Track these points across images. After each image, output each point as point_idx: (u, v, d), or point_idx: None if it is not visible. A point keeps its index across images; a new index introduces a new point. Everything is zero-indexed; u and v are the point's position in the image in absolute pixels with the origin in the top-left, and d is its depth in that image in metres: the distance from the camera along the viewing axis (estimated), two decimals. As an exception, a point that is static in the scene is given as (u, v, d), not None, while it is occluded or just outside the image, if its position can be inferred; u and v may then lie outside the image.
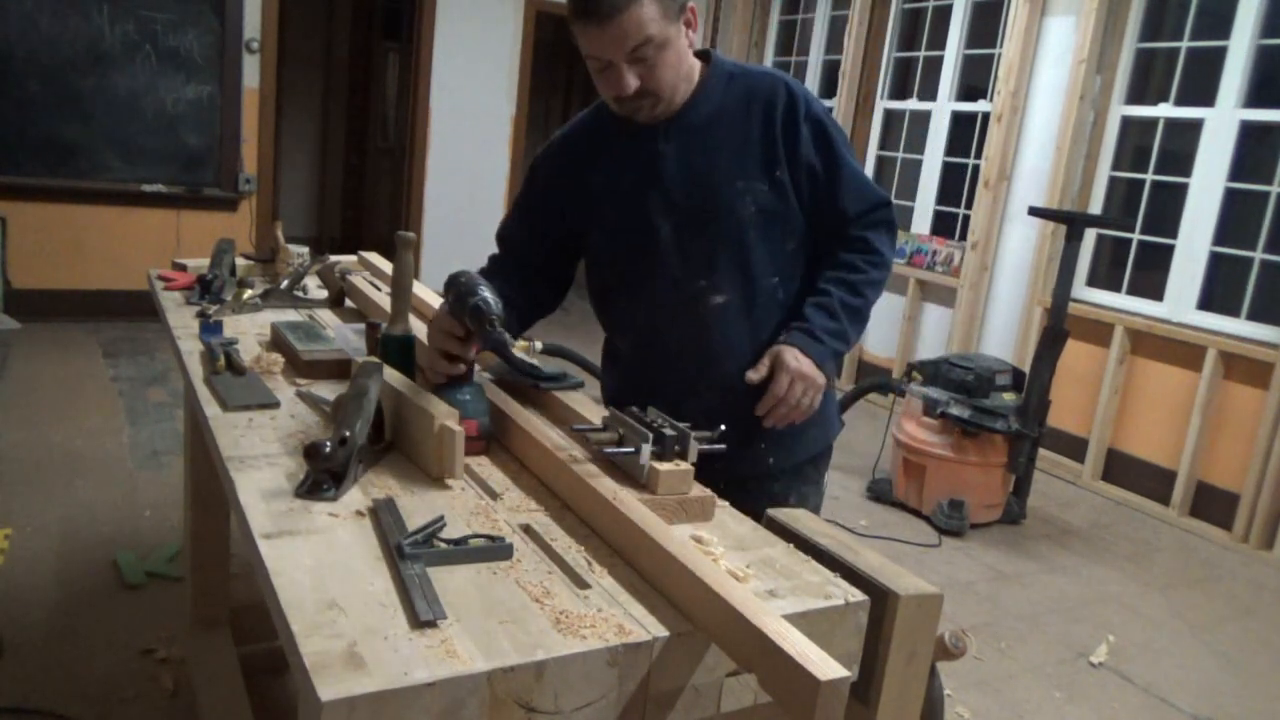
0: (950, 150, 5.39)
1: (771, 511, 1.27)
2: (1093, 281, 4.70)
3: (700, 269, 1.55)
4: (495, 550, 1.02)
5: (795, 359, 1.48)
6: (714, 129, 1.53)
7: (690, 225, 1.54)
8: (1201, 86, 4.23)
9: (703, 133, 1.53)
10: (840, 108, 5.85)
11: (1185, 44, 4.33)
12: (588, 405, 1.46)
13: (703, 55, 1.58)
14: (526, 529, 1.11)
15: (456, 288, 1.34)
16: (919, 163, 5.55)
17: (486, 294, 1.30)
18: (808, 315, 1.53)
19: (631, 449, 1.22)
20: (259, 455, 1.23)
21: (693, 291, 1.56)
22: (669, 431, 1.23)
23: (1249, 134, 4.10)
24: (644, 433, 1.22)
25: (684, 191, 1.53)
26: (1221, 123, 4.13)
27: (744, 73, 1.57)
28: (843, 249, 1.59)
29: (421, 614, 0.87)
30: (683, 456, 1.24)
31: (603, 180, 1.60)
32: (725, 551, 1.11)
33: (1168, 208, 4.36)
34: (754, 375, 1.50)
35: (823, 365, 1.50)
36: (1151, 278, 4.42)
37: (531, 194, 1.70)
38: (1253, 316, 4.05)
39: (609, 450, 1.24)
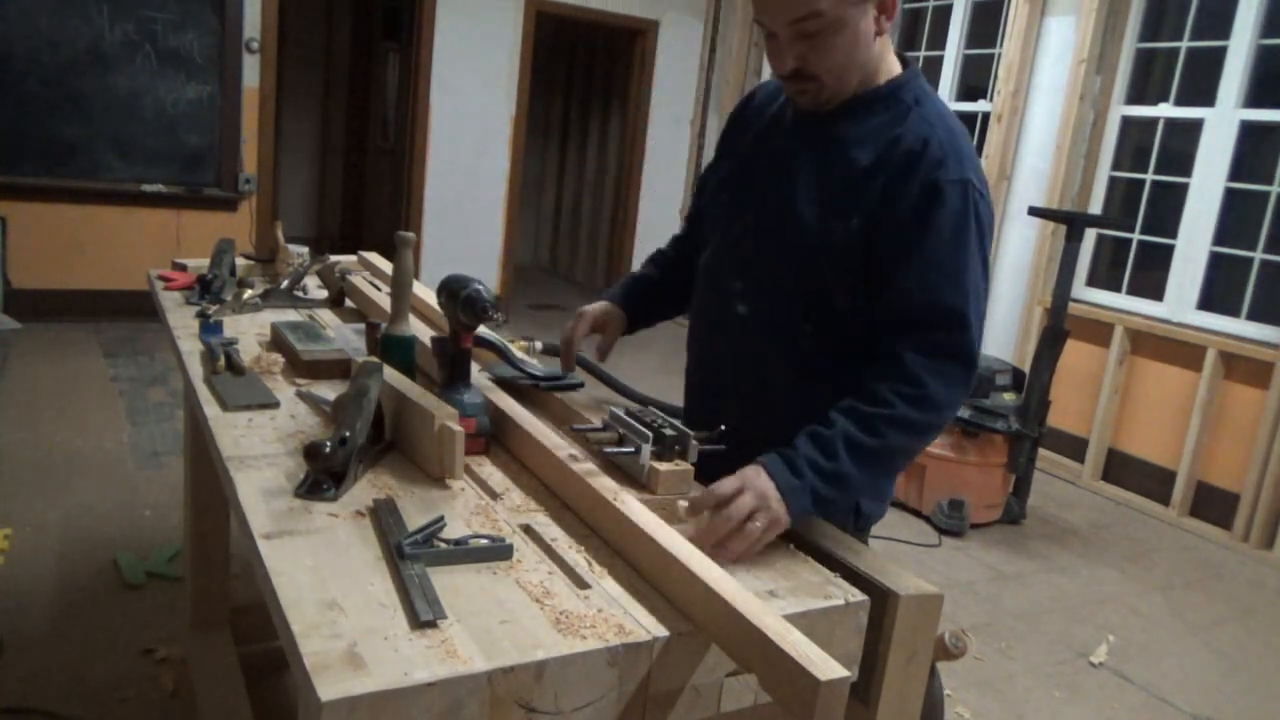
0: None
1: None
2: (1093, 281, 4.70)
3: (740, 273, 1.42)
4: (495, 550, 1.02)
5: (756, 475, 1.15)
6: (838, 145, 1.33)
7: (754, 227, 1.41)
8: (1201, 86, 4.23)
9: (822, 144, 1.35)
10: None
11: (1185, 44, 4.33)
12: (588, 405, 1.46)
13: (904, 64, 1.37)
14: (526, 529, 1.11)
15: (446, 286, 1.34)
16: (919, 163, 5.53)
17: (478, 285, 1.30)
18: (797, 444, 1.20)
19: (631, 449, 1.22)
20: (259, 455, 1.23)
21: (725, 290, 1.44)
22: (669, 431, 1.23)
23: (1249, 134, 4.10)
24: (644, 433, 1.22)
25: (768, 189, 1.40)
26: (1221, 123, 4.13)
27: (917, 109, 1.31)
28: (874, 369, 1.27)
29: (421, 614, 0.87)
30: (683, 456, 1.24)
31: (736, 155, 1.50)
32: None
33: (1168, 208, 4.36)
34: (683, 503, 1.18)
35: (791, 501, 1.14)
36: (1151, 278, 4.42)
37: (715, 157, 1.59)
38: (1253, 316, 4.05)
39: (609, 450, 1.24)
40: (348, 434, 1.15)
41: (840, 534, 1.24)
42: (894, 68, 1.35)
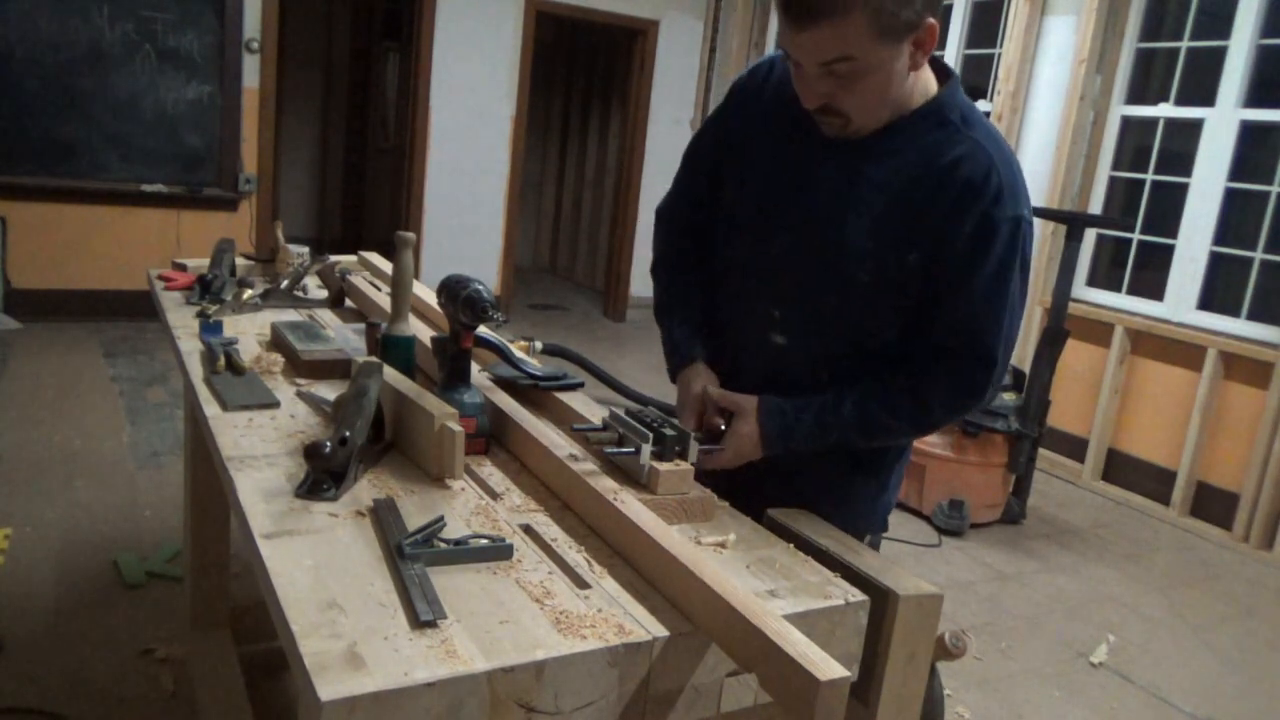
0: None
1: (772, 511, 1.27)
2: (1093, 281, 4.70)
3: (778, 301, 1.38)
4: (495, 550, 1.02)
5: (750, 430, 1.33)
6: (890, 173, 1.27)
7: (796, 255, 1.34)
8: (1201, 86, 4.23)
9: (876, 170, 1.28)
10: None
11: (1185, 44, 4.33)
12: (588, 405, 1.46)
13: (941, 72, 1.31)
14: (526, 529, 1.11)
15: (446, 286, 1.34)
16: (919, 163, 5.54)
17: (478, 285, 1.30)
18: (801, 412, 1.32)
19: (631, 449, 1.22)
20: (259, 455, 1.22)
21: (759, 316, 1.40)
22: (669, 432, 1.23)
23: (1249, 134, 4.10)
24: (644, 433, 1.22)
25: (818, 219, 1.32)
26: (1221, 123, 4.13)
27: (965, 129, 1.26)
28: (894, 376, 1.32)
29: (421, 614, 0.87)
30: (683, 456, 1.24)
31: (756, 155, 1.39)
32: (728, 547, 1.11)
33: (1168, 208, 4.36)
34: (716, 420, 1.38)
35: (765, 449, 1.33)
36: (1151, 278, 4.42)
37: (697, 147, 1.52)
38: (1253, 316, 4.05)
39: (609, 450, 1.24)
40: (348, 434, 1.15)
41: (840, 534, 1.24)
42: (930, 85, 1.29)
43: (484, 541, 1.03)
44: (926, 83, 1.28)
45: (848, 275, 1.30)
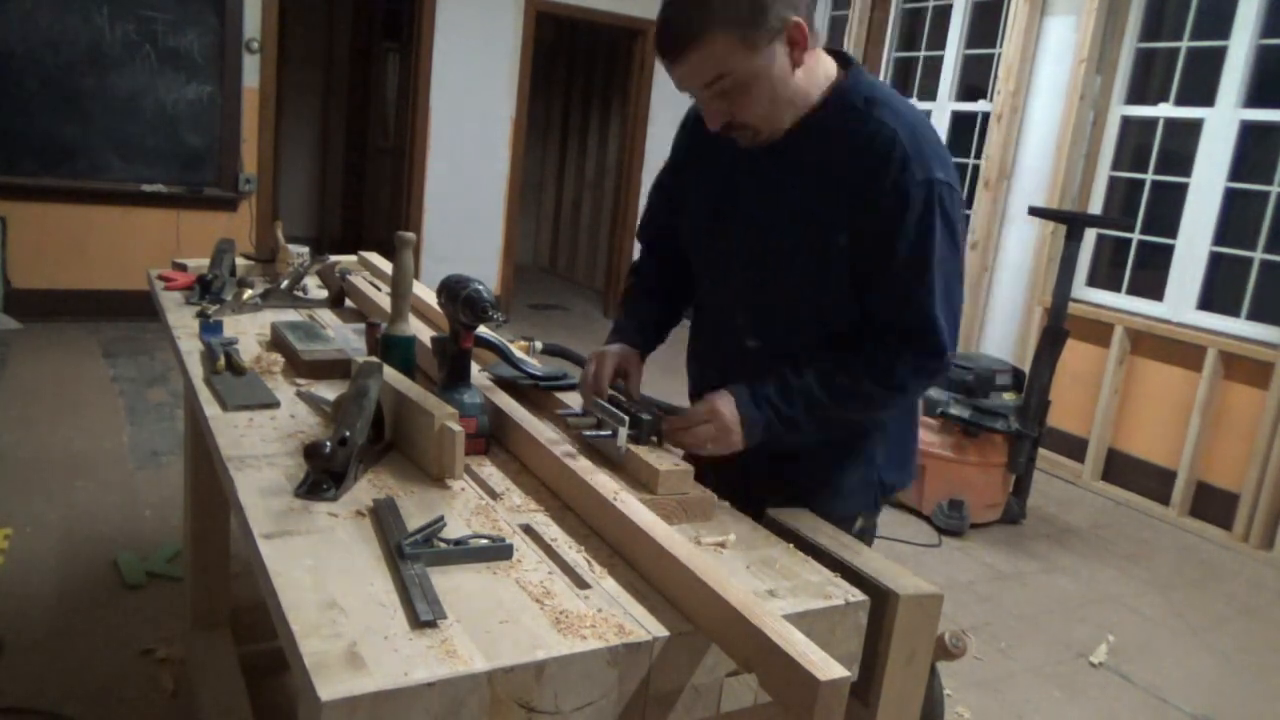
0: (951, 150, 5.32)
1: (772, 511, 1.27)
2: (1093, 281, 4.70)
3: (742, 309, 1.44)
4: (495, 550, 1.02)
5: (725, 404, 1.32)
6: (806, 167, 1.33)
7: (747, 259, 1.41)
8: (1201, 86, 4.23)
9: (792, 167, 1.34)
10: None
11: (1185, 44, 4.33)
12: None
13: (843, 61, 1.36)
14: (526, 529, 1.11)
15: (446, 286, 1.34)
16: (919, 163, 5.54)
17: (478, 285, 1.31)
18: (766, 386, 1.33)
19: (608, 433, 1.26)
20: (259, 455, 1.23)
21: (730, 327, 1.46)
22: (645, 416, 1.26)
23: (1249, 134, 4.10)
24: (620, 417, 1.25)
25: (753, 224, 1.39)
26: (1221, 123, 4.13)
27: (869, 109, 1.30)
28: (852, 349, 1.36)
29: (421, 614, 0.87)
30: (658, 437, 1.29)
31: (694, 179, 1.50)
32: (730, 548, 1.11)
33: (1168, 208, 4.36)
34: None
35: (748, 431, 1.31)
36: (1151, 277, 4.42)
37: (662, 174, 1.60)
38: (1253, 316, 4.05)
39: (587, 434, 1.28)
40: (348, 434, 1.15)
41: (840, 534, 1.24)
42: (830, 73, 1.34)
43: (484, 541, 1.03)
44: (827, 71, 1.33)
45: (792, 269, 1.35)
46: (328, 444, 1.12)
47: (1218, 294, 4.21)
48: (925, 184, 1.26)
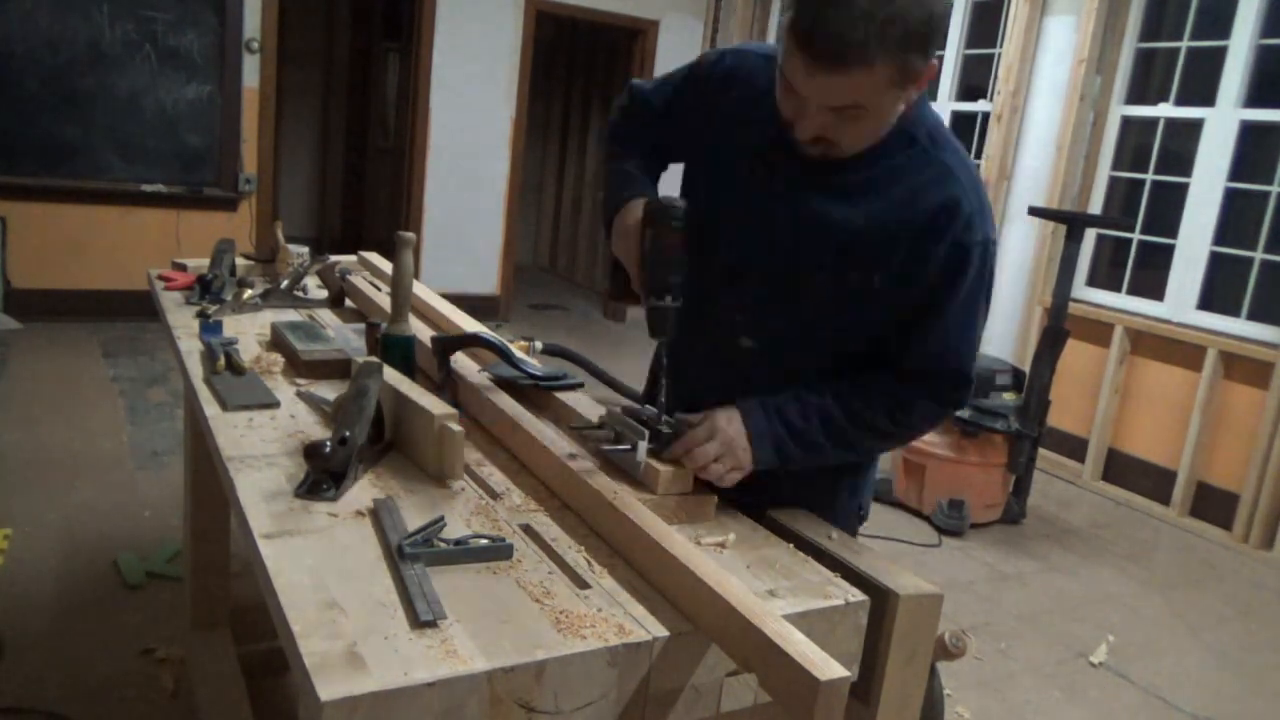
0: (950, 150, 5.38)
1: (772, 511, 1.27)
2: (1093, 281, 4.70)
3: (742, 307, 1.34)
4: (495, 550, 1.02)
5: (729, 422, 1.24)
6: (854, 197, 1.24)
7: (764, 271, 1.31)
8: (1201, 86, 4.23)
9: (841, 193, 1.25)
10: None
11: (1185, 44, 4.33)
12: (588, 405, 1.46)
13: None
14: (526, 529, 1.11)
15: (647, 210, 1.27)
16: (919, 163, 5.54)
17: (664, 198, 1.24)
18: (780, 401, 1.27)
19: (628, 446, 1.23)
20: (259, 455, 1.22)
21: (726, 320, 1.35)
22: (664, 429, 1.23)
23: (1249, 134, 4.10)
24: (639, 430, 1.22)
25: (782, 239, 1.28)
26: (1221, 123, 4.13)
27: (934, 150, 1.24)
28: (874, 379, 1.30)
29: (421, 614, 0.87)
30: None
31: (722, 158, 1.34)
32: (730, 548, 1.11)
33: (1168, 208, 4.36)
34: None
35: (757, 449, 1.24)
36: (1152, 277, 4.42)
37: (676, 93, 1.44)
38: (1253, 316, 4.04)
39: (606, 448, 1.25)
40: (348, 434, 1.15)
41: (841, 533, 1.24)
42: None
43: (484, 541, 1.03)
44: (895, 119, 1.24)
45: (813, 292, 1.28)
46: (328, 444, 1.12)
47: (1218, 294, 4.21)
48: (983, 244, 1.23)
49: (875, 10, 1.04)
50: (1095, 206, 4.64)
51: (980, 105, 5.20)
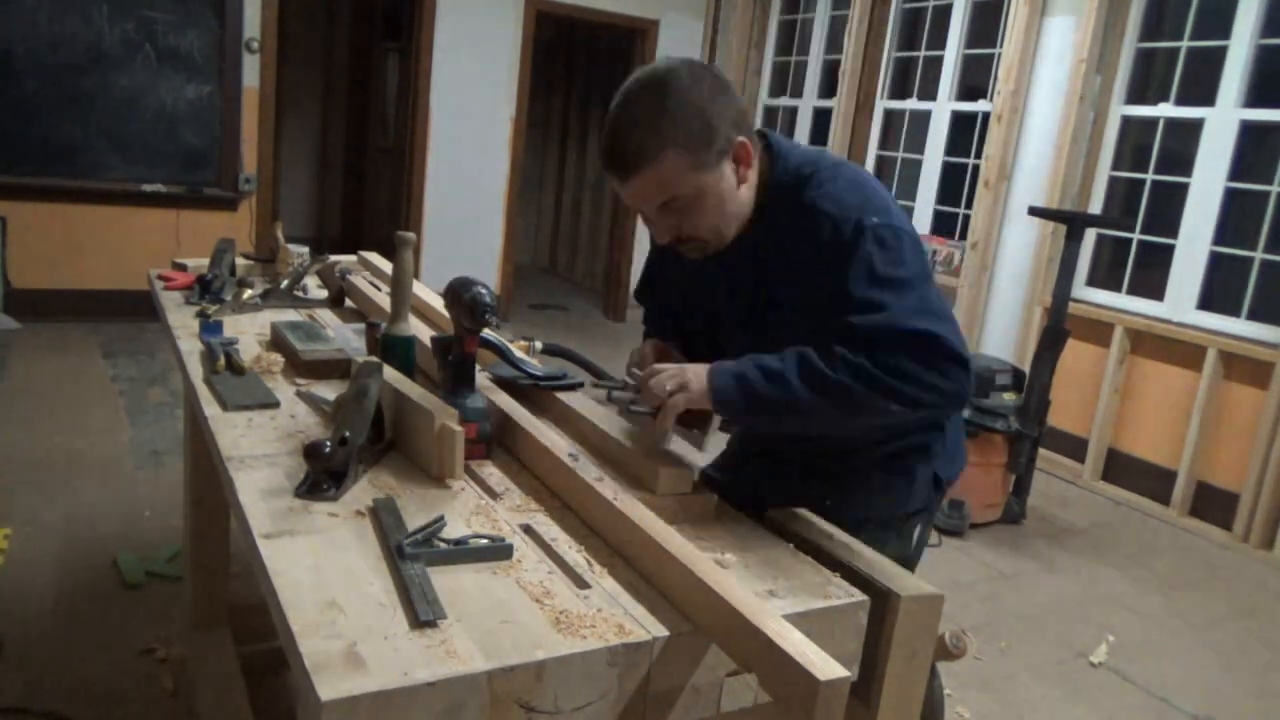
0: (950, 150, 5.39)
1: (772, 511, 1.27)
2: (1093, 281, 4.70)
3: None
4: (495, 550, 1.02)
5: (694, 367, 1.30)
6: (769, 258, 1.37)
7: (739, 332, 1.45)
8: (1201, 86, 4.23)
9: (757, 262, 1.38)
10: (840, 108, 5.85)
11: (1185, 44, 4.32)
12: (587, 405, 1.46)
13: (761, 139, 1.39)
14: (526, 529, 1.11)
15: (451, 290, 1.34)
16: (919, 163, 5.54)
17: (481, 289, 1.30)
18: (739, 360, 1.31)
19: (651, 409, 1.28)
20: (259, 455, 1.23)
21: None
22: (630, 380, 1.33)
23: (1249, 134, 4.10)
24: (616, 383, 1.32)
25: (734, 307, 1.45)
26: (1221, 122, 4.13)
27: (799, 193, 1.33)
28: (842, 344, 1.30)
29: (421, 614, 0.87)
30: (703, 429, 1.28)
31: (678, 273, 1.55)
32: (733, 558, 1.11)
33: (1168, 208, 4.36)
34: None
35: (714, 375, 1.27)
36: (1151, 277, 4.42)
37: (648, 264, 1.69)
38: (1253, 316, 4.04)
39: (634, 408, 1.30)
40: (348, 434, 1.15)
41: (841, 533, 1.24)
42: (762, 169, 1.36)
43: (484, 541, 1.03)
44: (748, 194, 1.35)
45: (783, 333, 1.32)
46: (328, 444, 1.12)
47: (1218, 294, 4.21)
48: (856, 232, 1.27)
49: (646, 119, 1.24)
50: (1095, 206, 4.64)
51: (980, 105, 5.20)
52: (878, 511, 1.45)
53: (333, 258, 2.24)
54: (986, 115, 5.05)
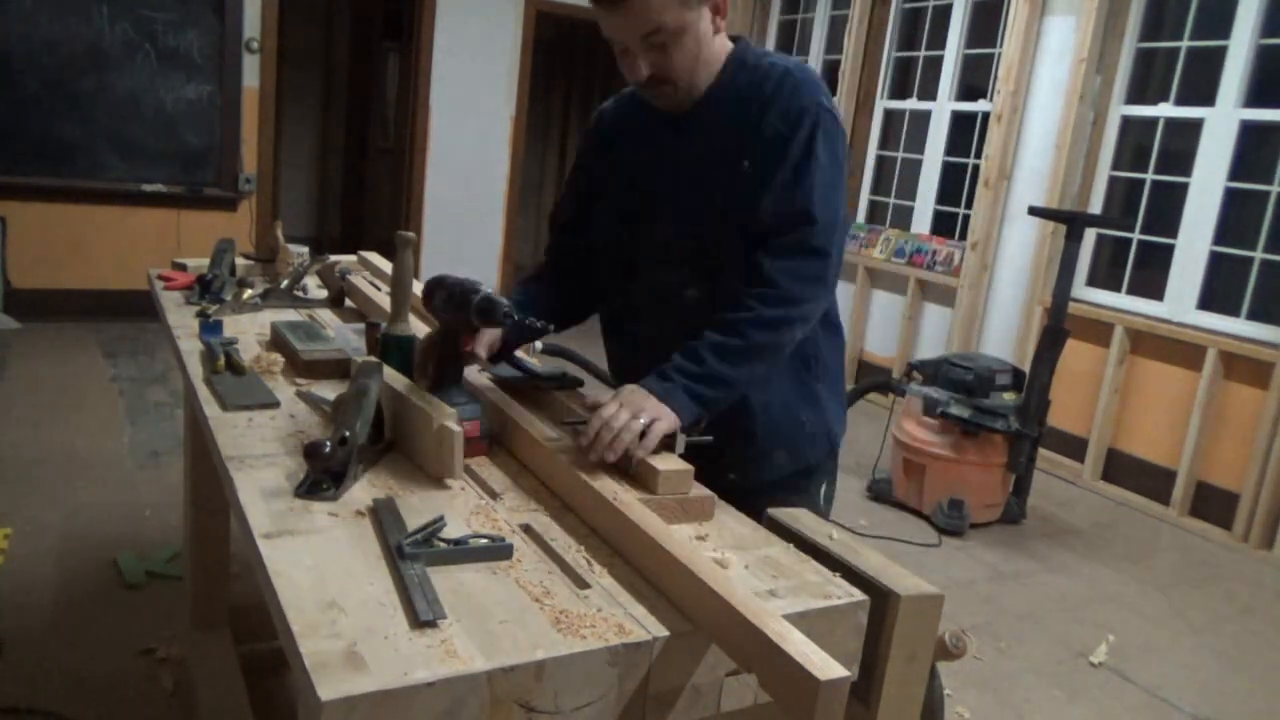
0: (950, 150, 5.39)
1: (772, 511, 1.27)
2: (1093, 281, 4.70)
3: (680, 262, 1.50)
4: (495, 550, 1.02)
5: (632, 391, 1.30)
6: (723, 125, 1.45)
7: (682, 219, 1.49)
8: (1201, 86, 4.23)
9: (712, 128, 1.46)
10: (840, 107, 5.85)
11: (1185, 44, 4.32)
12: (587, 405, 1.46)
13: (734, 40, 1.51)
14: (526, 529, 1.11)
15: (445, 290, 1.34)
16: (919, 162, 5.55)
17: (486, 289, 1.30)
18: (663, 368, 1.34)
19: None
20: (259, 455, 1.22)
21: (668, 284, 1.51)
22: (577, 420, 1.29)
23: (1249, 134, 4.10)
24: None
25: (684, 185, 1.49)
26: (1221, 122, 4.13)
27: (761, 64, 1.45)
28: (743, 284, 1.40)
29: (421, 614, 0.87)
30: (669, 449, 1.26)
31: (620, 158, 1.57)
32: (725, 553, 1.11)
33: (1168, 207, 4.36)
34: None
35: (670, 402, 1.29)
36: (1151, 277, 4.42)
37: (577, 166, 1.69)
38: (1253, 316, 4.04)
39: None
40: (348, 434, 1.15)
41: (841, 533, 1.24)
42: (727, 46, 1.48)
43: (484, 541, 1.03)
44: (724, 46, 1.48)
45: (728, 213, 1.43)
46: (328, 444, 1.12)
47: (1218, 294, 4.21)
48: (814, 104, 1.40)
49: None
50: (1095, 206, 4.64)
51: (980, 105, 5.20)
52: (779, 474, 1.55)
53: (333, 258, 2.24)
54: (986, 115, 5.06)
